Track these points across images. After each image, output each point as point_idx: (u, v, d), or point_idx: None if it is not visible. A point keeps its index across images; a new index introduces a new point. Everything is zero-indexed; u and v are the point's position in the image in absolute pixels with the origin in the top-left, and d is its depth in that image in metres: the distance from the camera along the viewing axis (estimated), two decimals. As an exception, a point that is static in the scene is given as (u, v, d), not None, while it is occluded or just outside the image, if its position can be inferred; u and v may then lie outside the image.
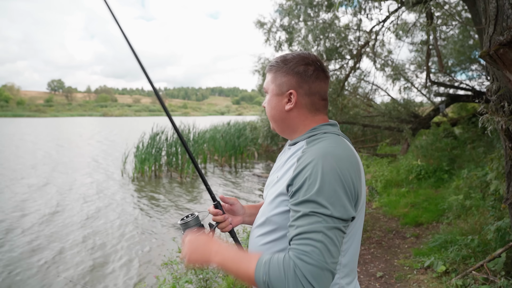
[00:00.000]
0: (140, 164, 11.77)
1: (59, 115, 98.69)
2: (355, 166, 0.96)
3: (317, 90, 1.09)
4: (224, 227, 1.25)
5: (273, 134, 11.47)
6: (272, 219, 1.04)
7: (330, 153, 0.94)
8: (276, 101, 1.12)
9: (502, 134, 2.70)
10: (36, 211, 7.62)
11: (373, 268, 4.03)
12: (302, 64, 1.08)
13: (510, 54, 2.23)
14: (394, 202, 6.43)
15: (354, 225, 1.00)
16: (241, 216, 1.33)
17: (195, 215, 1.23)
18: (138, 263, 5.17)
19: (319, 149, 0.96)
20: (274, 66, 1.13)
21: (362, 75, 11.74)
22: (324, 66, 1.12)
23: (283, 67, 1.10)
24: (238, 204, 1.32)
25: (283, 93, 1.10)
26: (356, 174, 0.95)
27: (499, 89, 2.55)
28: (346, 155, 0.95)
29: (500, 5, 2.37)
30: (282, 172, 1.06)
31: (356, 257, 1.07)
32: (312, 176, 0.90)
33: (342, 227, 0.89)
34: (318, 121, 1.11)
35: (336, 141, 1.01)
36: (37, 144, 21.82)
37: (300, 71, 1.08)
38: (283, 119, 1.12)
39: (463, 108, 13.29)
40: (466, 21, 9.45)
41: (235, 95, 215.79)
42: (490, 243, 3.64)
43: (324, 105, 1.13)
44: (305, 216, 0.88)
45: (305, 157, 0.96)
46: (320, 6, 9.21)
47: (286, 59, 1.11)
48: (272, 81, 1.13)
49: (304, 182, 0.91)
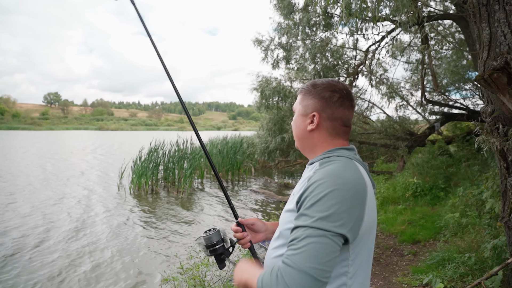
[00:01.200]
0: (137, 179, 11.75)
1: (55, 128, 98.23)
2: (360, 190, 1.00)
3: (339, 116, 1.17)
4: (244, 243, 1.35)
5: (270, 150, 11.54)
6: (284, 233, 1.11)
7: (335, 175, 1.00)
8: (301, 121, 1.22)
9: (497, 154, 2.79)
10: (29, 225, 7.56)
11: (372, 286, 4.06)
12: (329, 90, 1.17)
13: (503, 78, 2.33)
14: (391, 220, 6.48)
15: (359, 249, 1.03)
16: (263, 233, 1.42)
17: (216, 229, 1.33)
18: (138, 279, 5.13)
19: (327, 170, 1.02)
20: (304, 89, 1.23)
21: (359, 92, 11.94)
22: (351, 95, 1.20)
23: (311, 90, 1.20)
24: (259, 223, 1.41)
25: (307, 114, 1.19)
26: (359, 198, 0.99)
27: (494, 111, 2.65)
28: (351, 179, 1.00)
29: (493, 32, 2.50)
30: (296, 190, 1.13)
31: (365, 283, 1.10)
32: (313, 193, 0.97)
33: (332, 237, 0.92)
34: (336, 145, 1.18)
35: (346, 164, 1.06)
36: (30, 158, 21.69)
37: (326, 96, 1.16)
38: (305, 138, 1.21)
39: (458, 126, 13.48)
40: (460, 43, 9.71)
41: (232, 110, 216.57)
42: (487, 261, 3.69)
43: (345, 131, 1.20)
44: (298, 227, 0.96)
45: (314, 177, 1.02)
46: (317, 26, 9.44)
47: (315, 84, 1.20)
48: (300, 102, 1.23)
49: (305, 198, 0.99)
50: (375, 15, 4.47)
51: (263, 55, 10.27)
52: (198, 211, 9.27)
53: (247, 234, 1.36)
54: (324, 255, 0.90)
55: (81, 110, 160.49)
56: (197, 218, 8.60)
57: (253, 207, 9.92)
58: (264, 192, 11.54)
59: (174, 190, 11.96)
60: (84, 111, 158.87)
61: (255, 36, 10.32)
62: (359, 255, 1.04)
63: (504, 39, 2.45)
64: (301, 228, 0.94)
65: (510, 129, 2.58)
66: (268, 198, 10.88)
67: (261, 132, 12.43)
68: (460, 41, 9.93)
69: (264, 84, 10.44)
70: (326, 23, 9.16)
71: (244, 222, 1.38)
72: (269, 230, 1.42)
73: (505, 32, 2.43)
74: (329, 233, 0.92)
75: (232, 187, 13.24)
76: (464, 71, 11.57)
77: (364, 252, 1.06)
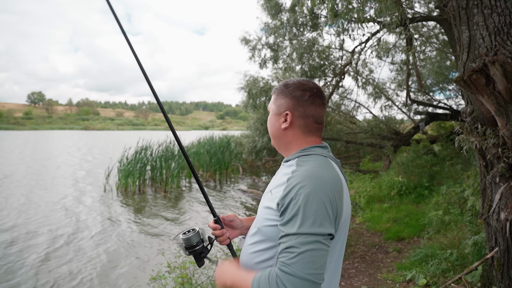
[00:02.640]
0: (124, 179, 11.65)
1: (39, 128, 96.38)
2: (337, 188, 1.06)
3: (311, 114, 1.21)
4: (222, 240, 1.36)
5: (258, 150, 11.59)
6: (262, 230, 1.14)
7: (314, 176, 1.04)
8: (275, 120, 1.25)
9: (476, 153, 2.89)
10: (15, 225, 7.45)
11: (357, 282, 4.13)
12: (300, 89, 1.21)
13: (482, 80, 2.42)
14: (376, 218, 6.58)
15: (335, 242, 1.09)
16: (239, 229, 1.44)
17: (196, 230, 1.32)
18: (126, 278, 5.11)
19: (305, 171, 1.07)
20: (277, 89, 1.27)
21: (345, 92, 12.08)
22: (322, 93, 1.24)
23: (284, 90, 1.24)
24: (237, 220, 1.44)
25: (281, 113, 1.23)
26: (337, 195, 1.04)
27: (473, 111, 2.74)
28: (329, 178, 1.05)
29: (472, 35, 2.58)
30: (274, 187, 1.16)
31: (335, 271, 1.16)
32: (296, 197, 1.01)
33: (323, 241, 0.97)
34: (310, 142, 1.22)
35: (322, 163, 1.11)
36: (15, 158, 21.29)
37: (297, 95, 1.20)
38: (279, 137, 1.25)
39: (442, 126, 13.74)
40: (443, 44, 9.90)
41: (220, 110, 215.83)
42: (467, 256, 3.80)
43: (318, 128, 1.24)
44: (288, 235, 0.99)
45: (293, 179, 1.06)
46: (304, 26, 9.51)
47: (287, 84, 1.24)
48: (273, 102, 1.27)
49: (289, 203, 1.02)
50: (360, 16, 4.55)
51: (250, 54, 10.29)
52: (186, 210, 9.25)
53: (225, 231, 1.37)
54: (319, 259, 0.96)
55: (66, 110, 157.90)
56: (185, 217, 8.59)
57: (241, 206, 9.94)
58: (252, 192, 11.58)
59: (162, 190, 11.90)
60: (69, 110, 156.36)
61: (242, 35, 10.34)
62: (334, 247, 1.11)
63: (482, 41, 2.54)
64: (293, 236, 0.97)
65: (488, 128, 2.67)
66: (256, 197, 10.92)
67: (249, 132, 12.47)
68: (444, 43, 10.13)
69: (251, 84, 10.48)
70: (313, 24, 9.24)
71: (225, 218, 1.40)
72: (244, 226, 1.45)
73: (484, 35, 2.52)
74: (321, 237, 0.97)
75: (220, 187, 13.24)
76: (448, 72, 11.82)
77: (338, 243, 1.12)
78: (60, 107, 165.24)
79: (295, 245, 0.96)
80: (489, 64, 2.36)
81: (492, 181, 2.84)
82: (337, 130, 12.50)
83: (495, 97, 2.44)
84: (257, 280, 0.99)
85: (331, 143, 13.07)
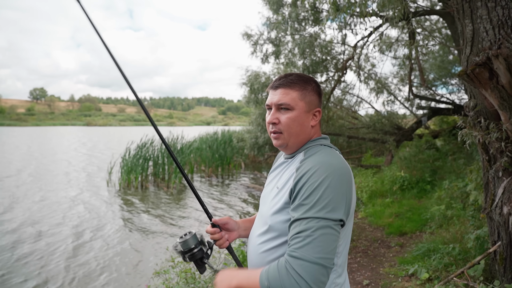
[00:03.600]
0: (126, 175, 11.68)
1: (41, 124, 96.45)
2: (348, 176, 1.07)
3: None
4: (222, 243, 1.34)
5: (260, 145, 11.57)
6: (275, 226, 1.13)
7: (326, 162, 1.05)
8: (305, 117, 1.20)
9: (479, 148, 2.88)
10: (19, 222, 7.50)
11: (360, 277, 4.14)
12: (319, 86, 1.25)
13: (485, 73, 2.40)
14: (379, 212, 6.59)
15: (346, 230, 1.10)
16: (236, 231, 1.41)
17: (192, 233, 1.29)
18: (129, 273, 5.15)
19: (316, 159, 1.08)
20: (297, 84, 1.19)
21: (347, 88, 12.03)
22: None
23: (307, 87, 1.20)
24: (231, 222, 1.40)
25: (311, 110, 1.21)
26: (349, 183, 1.05)
27: (476, 105, 2.73)
28: (340, 166, 1.06)
29: (475, 28, 2.56)
30: (282, 183, 1.16)
31: (346, 259, 1.18)
32: (308, 182, 1.01)
33: (334, 226, 0.97)
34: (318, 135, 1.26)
35: (331, 153, 1.13)
36: (16, 154, 21.36)
37: (320, 92, 1.24)
38: (305, 134, 1.21)
39: (444, 121, 13.70)
40: (446, 38, 9.84)
41: (221, 105, 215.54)
42: (470, 251, 3.80)
43: None
44: (299, 219, 0.98)
45: (304, 167, 1.06)
46: (306, 21, 9.46)
47: (305, 79, 1.22)
48: (300, 99, 1.18)
49: (301, 188, 1.02)
50: (362, 10, 4.51)
51: (252, 49, 10.25)
52: (188, 206, 9.28)
53: (224, 234, 1.35)
54: (330, 244, 0.95)
55: (68, 106, 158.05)
56: (186, 212, 8.62)
57: (244, 201, 9.97)
58: (254, 187, 11.59)
59: (164, 186, 11.93)
60: (71, 106, 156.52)
61: (244, 30, 10.29)
62: (345, 235, 1.11)
63: (486, 35, 2.52)
64: (303, 220, 0.97)
65: (492, 122, 2.66)
66: (258, 193, 10.94)
67: (251, 127, 12.45)
68: (446, 37, 10.06)
69: (253, 79, 10.44)
70: (315, 18, 9.18)
71: (218, 222, 1.35)
72: (241, 227, 1.43)
73: (487, 28, 2.50)
74: (332, 222, 0.96)
75: (222, 182, 13.26)
76: (451, 66, 11.74)
77: (348, 231, 1.13)
78: (62, 103, 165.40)
79: (305, 229, 0.95)
80: (493, 58, 2.34)
81: (495, 175, 2.83)
82: (339, 125, 12.47)
83: (498, 91, 2.43)
84: (265, 271, 0.98)
85: (333, 138, 13.05)
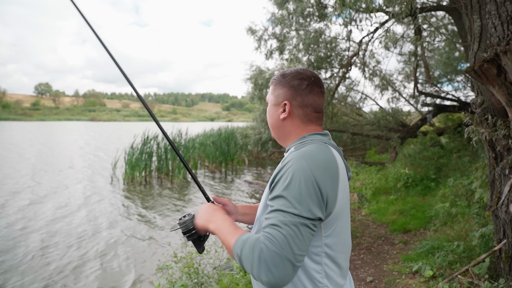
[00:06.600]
0: (130, 170, 11.72)
1: (46, 119, 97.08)
2: (331, 171, 1.03)
3: (310, 103, 1.19)
4: None
5: (263, 141, 11.56)
6: (261, 219, 1.13)
7: (306, 156, 1.03)
8: (273, 111, 1.24)
9: (486, 145, 2.85)
10: (25, 217, 7.55)
11: (363, 273, 4.14)
12: (297, 78, 1.20)
13: (493, 70, 2.37)
14: (383, 209, 6.57)
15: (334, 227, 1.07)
16: (233, 215, 1.43)
17: (191, 214, 1.33)
18: (133, 268, 5.17)
19: (300, 151, 1.06)
20: (274, 80, 1.25)
21: (352, 84, 11.97)
22: (320, 82, 1.22)
23: (281, 80, 1.22)
24: (231, 204, 1.43)
25: (279, 103, 1.22)
26: (330, 178, 1.02)
27: (483, 102, 2.70)
28: (322, 159, 1.03)
29: (484, 24, 2.52)
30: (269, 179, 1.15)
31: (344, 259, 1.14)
32: (285, 174, 1.01)
33: (310, 224, 0.96)
34: (309, 131, 1.20)
35: (318, 146, 1.09)
36: (23, 149, 21.50)
37: (295, 84, 1.19)
38: (279, 127, 1.24)
39: (449, 118, 13.62)
40: (452, 34, 9.76)
41: (225, 101, 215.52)
42: (474, 248, 3.78)
43: (318, 117, 1.22)
44: (276, 211, 0.97)
45: (286, 160, 1.07)
46: (311, 16, 9.40)
47: (284, 74, 1.23)
48: (271, 93, 1.26)
49: (279, 180, 1.02)
50: (368, 6, 4.48)
51: (256, 45, 10.21)
52: (191, 201, 9.30)
53: None
54: (304, 241, 0.95)
55: (72, 101, 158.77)
56: (190, 207, 8.64)
57: (247, 196, 9.98)
58: (258, 183, 11.60)
59: (168, 181, 11.96)
60: (76, 102, 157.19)
61: (248, 25, 10.24)
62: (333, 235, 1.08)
63: (494, 31, 2.49)
64: (280, 212, 0.96)
65: (499, 119, 2.63)
66: (262, 189, 10.94)
67: (254, 123, 12.43)
68: (452, 33, 9.98)
69: (257, 74, 10.40)
70: (320, 14, 9.12)
71: (217, 201, 1.40)
72: (239, 212, 1.45)
73: (496, 24, 2.46)
74: (309, 220, 0.96)
75: (225, 178, 13.28)
76: (457, 63, 11.66)
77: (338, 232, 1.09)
78: (67, 98, 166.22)
79: (280, 224, 0.94)
80: (501, 54, 2.31)
81: (502, 173, 2.80)
82: (344, 122, 12.41)
83: (506, 87, 2.40)
84: (242, 241, 0.99)
85: (337, 135, 13.00)
